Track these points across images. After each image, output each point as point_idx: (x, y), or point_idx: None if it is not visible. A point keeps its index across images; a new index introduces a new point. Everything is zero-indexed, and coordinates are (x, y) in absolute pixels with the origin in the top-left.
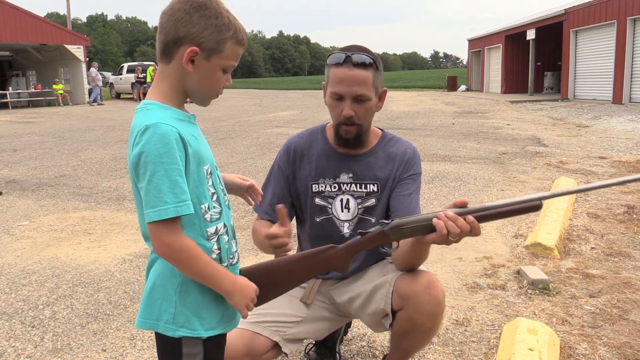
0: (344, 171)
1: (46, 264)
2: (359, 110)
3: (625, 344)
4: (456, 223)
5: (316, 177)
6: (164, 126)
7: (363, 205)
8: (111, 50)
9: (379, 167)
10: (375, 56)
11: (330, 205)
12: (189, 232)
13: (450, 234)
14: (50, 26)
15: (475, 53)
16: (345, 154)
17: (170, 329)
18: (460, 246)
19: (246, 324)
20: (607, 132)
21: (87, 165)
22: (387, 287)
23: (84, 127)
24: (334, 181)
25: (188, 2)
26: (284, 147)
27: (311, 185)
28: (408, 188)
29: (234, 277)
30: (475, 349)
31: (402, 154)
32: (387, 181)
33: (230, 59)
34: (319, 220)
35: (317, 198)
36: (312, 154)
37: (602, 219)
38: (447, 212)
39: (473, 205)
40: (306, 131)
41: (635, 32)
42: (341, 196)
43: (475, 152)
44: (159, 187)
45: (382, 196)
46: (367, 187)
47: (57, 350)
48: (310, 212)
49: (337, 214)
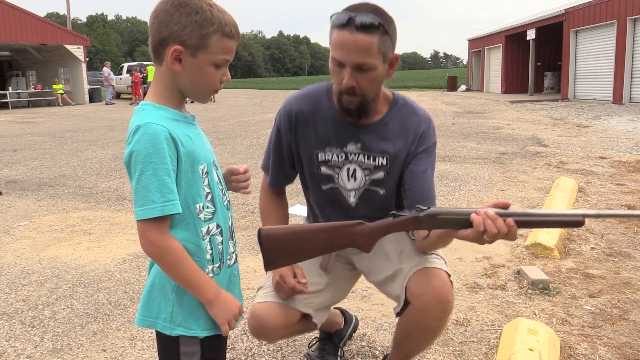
0: (352, 141)
1: (46, 264)
2: (361, 80)
3: (625, 344)
4: (495, 223)
5: (322, 145)
6: (154, 126)
7: (371, 178)
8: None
9: (389, 139)
10: (385, 17)
11: (337, 174)
12: (184, 231)
13: (486, 232)
14: (50, 26)
15: (476, 53)
16: (353, 122)
17: (167, 328)
18: (461, 246)
19: (278, 298)
20: (607, 132)
21: (87, 165)
22: (403, 279)
23: (84, 127)
24: (341, 150)
25: (169, 2)
26: (284, 111)
27: (316, 154)
28: (423, 164)
29: (218, 288)
30: (475, 349)
31: (416, 126)
32: (398, 156)
33: (219, 53)
34: (324, 189)
35: (323, 167)
36: (316, 120)
37: (602, 219)
38: (487, 210)
39: (514, 209)
40: (309, 92)
41: (635, 32)
42: (348, 165)
43: (475, 152)
44: (147, 186)
45: (391, 170)
46: (376, 160)
47: (57, 350)
48: (316, 180)
49: (344, 183)
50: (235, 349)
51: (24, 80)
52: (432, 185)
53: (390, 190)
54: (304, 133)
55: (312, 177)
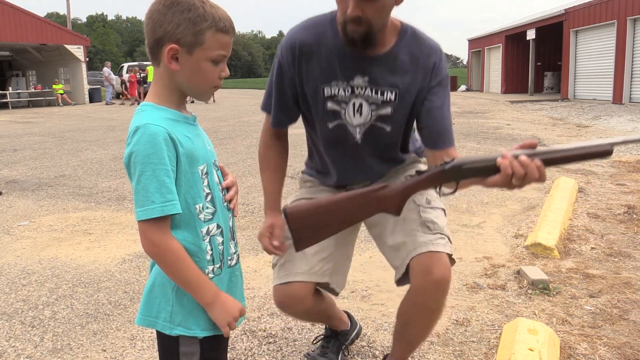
0: (358, 74)
1: (46, 264)
2: (367, 10)
3: (625, 344)
4: (522, 164)
5: (327, 80)
6: (153, 127)
7: (377, 113)
8: (111, 50)
9: (399, 72)
10: None
11: (343, 110)
12: (185, 232)
13: (514, 175)
14: (50, 26)
15: (476, 53)
16: (359, 54)
17: (167, 327)
18: (461, 246)
19: (302, 276)
20: (607, 132)
21: (87, 165)
22: (405, 255)
23: (84, 127)
24: (347, 84)
25: (161, 2)
26: (286, 43)
27: (322, 89)
28: (439, 98)
29: (217, 291)
30: (475, 349)
31: (427, 58)
32: (408, 90)
33: (215, 49)
34: (330, 127)
35: (329, 102)
36: (321, 52)
37: (602, 219)
38: (513, 152)
39: (541, 149)
40: (311, 22)
41: (635, 32)
42: (354, 100)
43: (475, 152)
44: (146, 187)
45: (400, 105)
46: (384, 95)
47: (57, 350)
48: (322, 117)
49: (350, 119)
50: (235, 349)
51: (24, 80)
52: (450, 121)
53: (397, 127)
54: (308, 67)
55: (318, 114)
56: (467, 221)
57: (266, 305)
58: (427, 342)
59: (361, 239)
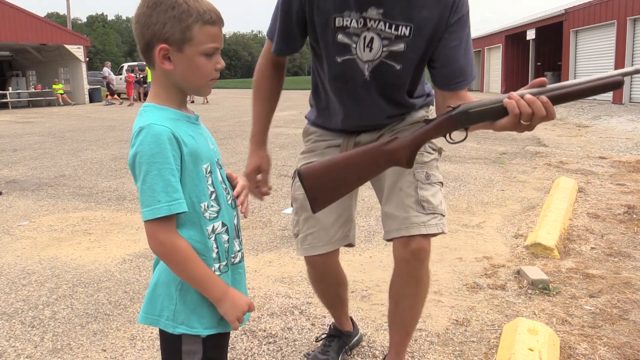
0: (373, 4)
1: (46, 264)
2: None
3: (625, 344)
4: (529, 102)
5: (340, 9)
6: (157, 127)
7: (389, 49)
8: (111, 50)
9: (415, 6)
10: None
11: (354, 43)
12: (191, 231)
13: (522, 115)
14: (50, 26)
15: (475, 53)
16: None
17: (170, 326)
18: (461, 246)
19: (325, 247)
20: (607, 132)
21: (87, 165)
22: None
23: (84, 127)
24: (360, 15)
25: (145, 4)
26: None
27: (334, 19)
28: (455, 37)
29: (226, 286)
30: (475, 349)
31: None
32: (424, 27)
33: (205, 42)
34: (340, 61)
35: (339, 34)
36: None
37: (602, 219)
38: (519, 92)
39: (549, 86)
40: None
41: (635, 32)
42: (365, 33)
43: (475, 152)
44: (152, 187)
45: (414, 42)
46: (398, 29)
47: (57, 350)
48: (331, 50)
49: (361, 54)
50: (235, 349)
51: (24, 80)
52: (467, 61)
53: (408, 67)
54: None
55: (327, 46)
56: (467, 221)
57: (266, 305)
58: (427, 342)
59: (361, 239)
